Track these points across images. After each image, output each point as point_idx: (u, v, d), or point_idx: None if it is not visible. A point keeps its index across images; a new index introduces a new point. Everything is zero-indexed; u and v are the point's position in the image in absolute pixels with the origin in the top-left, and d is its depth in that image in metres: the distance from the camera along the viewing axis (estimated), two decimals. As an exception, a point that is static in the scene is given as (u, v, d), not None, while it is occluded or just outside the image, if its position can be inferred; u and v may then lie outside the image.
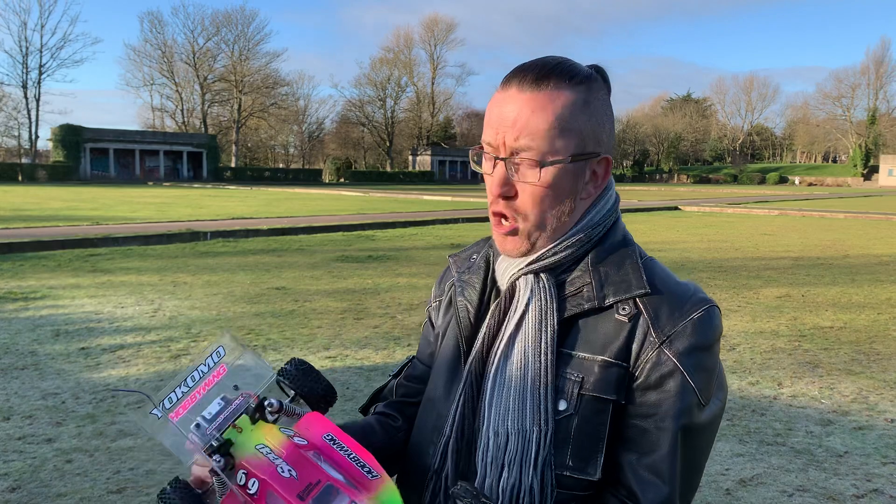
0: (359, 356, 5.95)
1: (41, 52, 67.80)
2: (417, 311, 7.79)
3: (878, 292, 9.37)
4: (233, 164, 74.66)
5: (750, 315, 7.79)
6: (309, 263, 11.45)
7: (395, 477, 1.15)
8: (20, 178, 53.94)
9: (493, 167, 1.00)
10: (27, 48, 67.15)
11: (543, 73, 0.98)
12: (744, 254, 13.48)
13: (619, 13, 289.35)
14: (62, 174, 55.90)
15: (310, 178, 71.46)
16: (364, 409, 1.27)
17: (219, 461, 0.88)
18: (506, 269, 1.07)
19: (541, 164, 0.97)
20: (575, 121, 0.97)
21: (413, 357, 1.27)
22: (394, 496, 0.87)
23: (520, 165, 0.98)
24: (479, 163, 1.05)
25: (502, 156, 0.99)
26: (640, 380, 0.97)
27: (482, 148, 1.02)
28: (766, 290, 9.43)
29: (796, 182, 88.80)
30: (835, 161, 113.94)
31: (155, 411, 0.92)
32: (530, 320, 1.00)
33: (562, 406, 0.97)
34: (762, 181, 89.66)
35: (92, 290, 8.73)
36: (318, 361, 5.75)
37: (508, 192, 1.00)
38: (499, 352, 1.03)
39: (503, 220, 1.03)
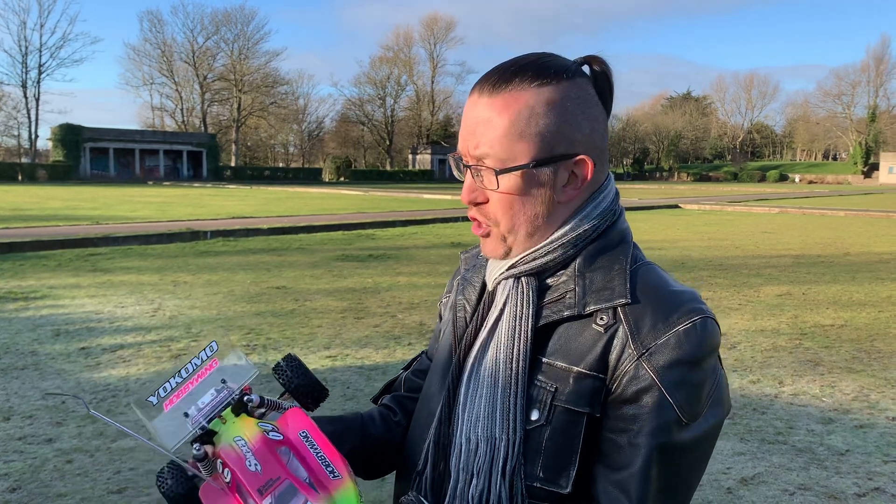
0: (359, 355, 5.95)
1: (40, 51, 67.92)
2: (418, 310, 7.79)
3: (879, 290, 9.36)
4: (233, 164, 74.68)
5: (751, 313, 7.79)
6: (309, 263, 11.45)
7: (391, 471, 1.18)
8: (20, 177, 53.93)
9: (466, 174, 1.00)
10: (27, 47, 67.29)
11: (505, 76, 0.95)
12: (744, 252, 13.48)
13: (618, 11, 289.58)
14: (62, 174, 55.90)
15: (310, 177, 71.45)
16: (375, 399, 1.29)
17: (198, 449, 0.92)
18: (492, 272, 1.05)
19: (497, 172, 0.95)
20: (534, 124, 0.93)
21: (424, 351, 1.27)
22: (349, 497, 0.88)
23: (482, 172, 0.97)
24: (459, 169, 1.04)
25: (469, 163, 0.98)
26: (616, 393, 0.92)
27: (458, 154, 1.02)
28: (767, 288, 9.43)
29: (796, 180, 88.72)
30: (835, 159, 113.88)
31: (151, 398, 0.97)
32: (504, 326, 0.98)
33: (534, 416, 0.94)
34: (762, 179, 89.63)
35: (92, 290, 8.73)
36: (319, 361, 5.75)
37: (476, 199, 0.99)
38: (473, 356, 1.01)
39: (479, 224, 1.02)
